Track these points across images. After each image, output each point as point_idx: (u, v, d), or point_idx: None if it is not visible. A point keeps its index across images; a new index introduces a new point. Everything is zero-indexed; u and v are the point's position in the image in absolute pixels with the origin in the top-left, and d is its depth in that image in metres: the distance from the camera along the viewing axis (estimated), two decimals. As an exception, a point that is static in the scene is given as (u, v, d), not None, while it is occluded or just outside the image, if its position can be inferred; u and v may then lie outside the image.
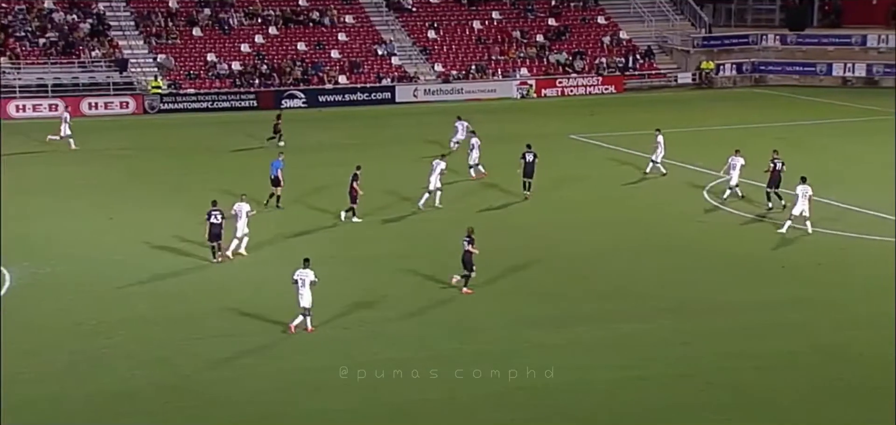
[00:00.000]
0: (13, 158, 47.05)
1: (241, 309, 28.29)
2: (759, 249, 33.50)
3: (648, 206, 39.05)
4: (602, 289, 29.94)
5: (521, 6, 74.16)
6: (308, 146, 51.11)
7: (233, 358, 25.09)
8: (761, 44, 73.17)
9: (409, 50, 70.29)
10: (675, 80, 70.81)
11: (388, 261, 32.55)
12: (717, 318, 27.39)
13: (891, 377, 23.51)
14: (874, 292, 29.25)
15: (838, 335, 26.10)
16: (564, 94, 68.55)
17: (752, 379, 23.50)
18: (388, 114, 62.22)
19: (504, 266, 31.91)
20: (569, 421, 21.96)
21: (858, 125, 56.35)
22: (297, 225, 36.55)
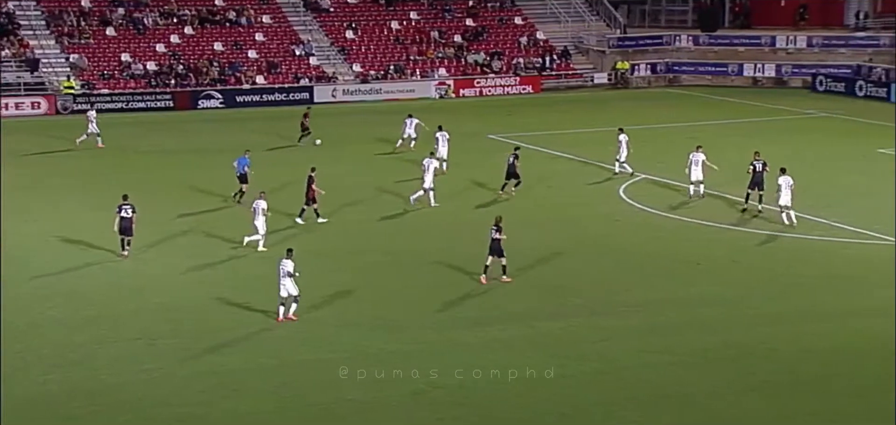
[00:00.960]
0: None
1: (155, 310, 28.08)
2: (676, 247, 34.05)
3: (567, 205, 39.46)
4: (522, 287, 30.15)
5: (439, 7, 74.35)
6: (229, 147, 50.62)
7: (148, 359, 24.85)
8: (675, 44, 74.30)
9: (327, 50, 70.01)
10: (592, 80, 71.58)
11: (315, 260, 32.40)
12: (633, 316, 27.81)
13: (802, 372, 24.08)
14: (786, 288, 29.92)
15: (751, 332, 26.66)
16: (482, 94, 68.87)
17: (667, 376, 23.90)
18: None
19: (427, 265, 32.01)
20: (488, 420, 22.10)
21: (768, 124, 57.53)
22: (219, 225, 36.18)
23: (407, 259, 32.95)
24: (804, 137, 52.75)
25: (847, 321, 27.29)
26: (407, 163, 44.67)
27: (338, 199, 38.29)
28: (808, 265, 32.02)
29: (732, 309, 28.30)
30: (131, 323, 27.17)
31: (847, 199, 39.28)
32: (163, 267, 32.12)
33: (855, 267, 31.91)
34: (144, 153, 49.60)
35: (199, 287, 30.35)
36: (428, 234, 35.71)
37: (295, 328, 26.93)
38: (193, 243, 34.58)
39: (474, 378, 23.83)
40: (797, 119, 58.89)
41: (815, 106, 62.46)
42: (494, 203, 38.98)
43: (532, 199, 40.33)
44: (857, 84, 66.11)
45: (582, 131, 52.95)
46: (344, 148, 50.25)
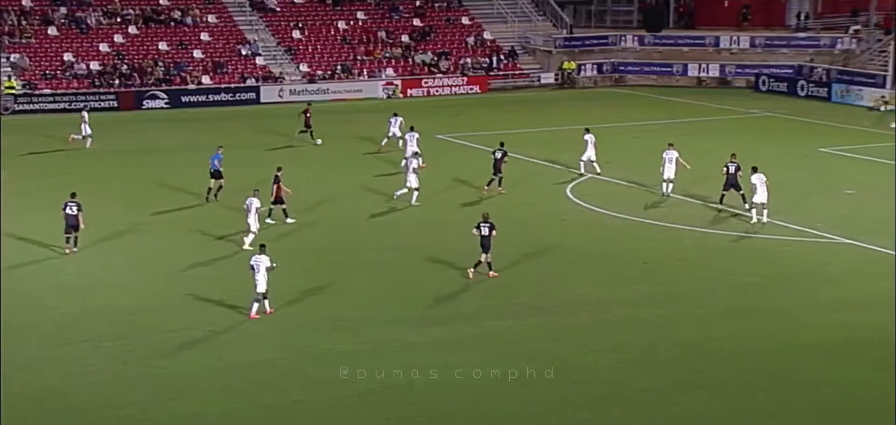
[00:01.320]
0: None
1: (100, 311, 27.78)
2: (623, 246, 34.21)
3: (515, 205, 39.48)
4: (470, 287, 30.15)
5: (386, 6, 74.24)
6: (172, 146, 50.24)
7: (94, 362, 24.57)
8: (620, 45, 74.81)
9: (273, 50, 69.63)
10: (539, 79, 71.87)
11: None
12: (582, 315, 27.91)
13: (748, 369, 24.31)
14: (732, 287, 30.16)
15: (698, 330, 26.84)
16: (430, 94, 68.88)
17: (615, 374, 23.99)
18: (254, 114, 61.52)
19: (375, 264, 31.92)
20: (437, 419, 22.07)
21: (713, 123, 58.12)
22: (167, 225, 35.83)
23: (368, 257, 32.85)
24: (748, 136, 53.30)
25: (791, 318, 27.58)
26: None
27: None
28: (754, 263, 32.32)
29: (680, 307, 28.48)
30: (76, 326, 26.80)
31: (790, 198, 39.74)
32: (107, 268, 31.77)
33: (798, 265, 32.27)
34: (89, 153, 48.89)
35: (145, 288, 30.03)
36: (381, 232, 35.59)
37: (242, 330, 26.73)
38: (138, 243, 34.22)
39: (423, 377, 23.79)
40: (741, 118, 59.55)
41: (758, 105, 63.21)
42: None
43: (480, 200, 40.33)
44: (798, 84, 66.99)
45: (529, 131, 53.08)
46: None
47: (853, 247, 33.70)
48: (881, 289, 29.71)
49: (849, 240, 34.37)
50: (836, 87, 64.93)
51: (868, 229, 35.37)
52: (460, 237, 34.07)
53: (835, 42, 70.43)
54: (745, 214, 36.95)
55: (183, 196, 40.37)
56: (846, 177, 42.87)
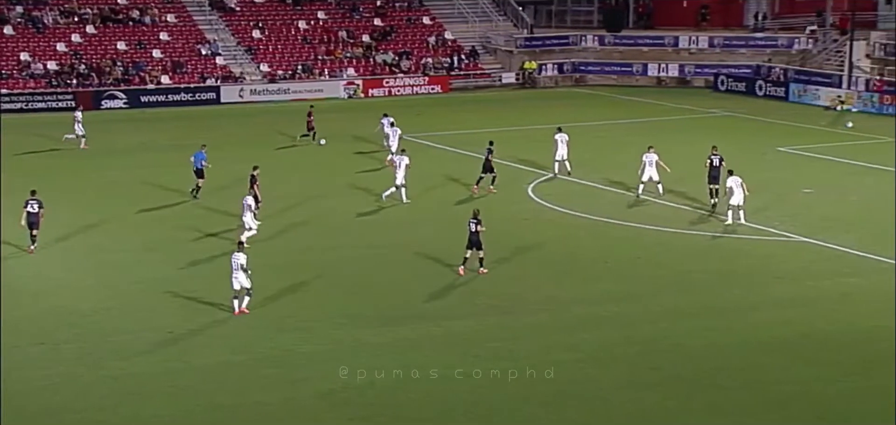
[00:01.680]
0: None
1: (58, 313, 27.63)
2: (584, 246, 34.41)
3: (477, 204, 39.52)
4: (431, 286, 30.24)
5: (347, 6, 74.18)
6: (131, 147, 49.95)
7: (50, 365, 24.39)
8: (581, 45, 75.22)
9: (233, 50, 69.39)
10: (500, 79, 72.09)
11: (216, 263, 32.14)
12: (541, 313, 28.08)
13: (704, 366, 24.54)
14: (689, 285, 30.44)
15: (654, 327, 27.08)
16: (391, 93, 68.89)
17: (573, 372, 24.14)
18: (214, 114, 61.34)
19: (334, 264, 31.92)
20: (397, 420, 22.13)
21: (672, 123, 58.55)
22: (121, 227, 35.62)
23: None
24: (707, 136, 53.54)
25: (748, 315, 27.88)
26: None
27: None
28: (711, 261, 32.65)
29: (637, 305, 28.70)
30: (33, 327, 26.61)
31: (749, 197, 40.08)
32: (67, 269, 31.56)
33: (755, 262, 32.61)
34: (45, 153, 48.51)
35: (104, 290, 29.86)
36: (335, 233, 35.57)
37: (203, 331, 26.67)
38: (99, 244, 34.05)
39: (384, 378, 23.85)
40: (700, 118, 60.06)
41: (717, 105, 63.75)
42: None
43: (442, 198, 40.45)
44: (757, 83, 67.65)
45: (491, 131, 53.10)
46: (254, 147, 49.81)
47: (810, 245, 34.12)
48: (836, 286, 30.11)
49: (805, 238, 34.79)
50: (794, 86, 65.64)
51: (824, 228, 35.84)
52: (402, 234, 34.30)
53: (792, 42, 71.19)
54: (706, 208, 37.39)
55: (145, 196, 40.16)
56: (804, 176, 43.34)
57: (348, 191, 41.14)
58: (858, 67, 64.55)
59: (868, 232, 35.28)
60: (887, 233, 35.31)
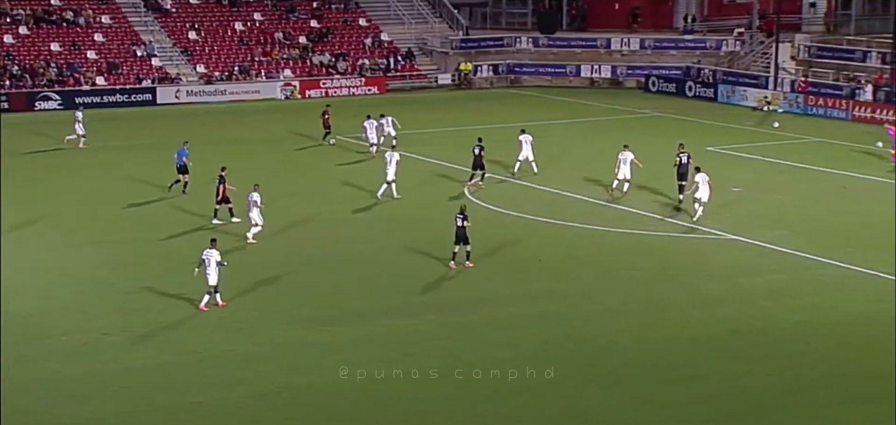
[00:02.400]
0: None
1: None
2: (520, 245, 34.55)
3: (414, 204, 39.64)
4: (368, 287, 30.22)
5: (284, 8, 73.78)
6: (66, 148, 49.23)
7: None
8: (515, 46, 75.54)
9: (169, 51, 68.66)
10: (436, 80, 72.19)
11: (152, 263, 31.83)
12: (478, 312, 28.18)
13: (640, 362, 24.81)
14: (624, 282, 30.72)
15: (589, 325, 27.30)
16: (328, 94, 68.62)
17: (512, 369, 24.17)
18: (151, 115, 60.68)
19: (272, 266, 31.73)
20: (336, 420, 22.09)
21: (605, 123, 59.06)
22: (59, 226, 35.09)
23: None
24: (639, 135, 54.18)
25: (680, 313, 28.21)
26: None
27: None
28: (643, 259, 32.96)
29: (573, 303, 28.93)
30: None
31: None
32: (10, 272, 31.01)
33: (686, 260, 33.03)
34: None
35: (42, 291, 29.41)
36: (274, 235, 35.40)
37: (140, 333, 26.39)
38: (34, 245, 33.50)
39: (323, 378, 23.80)
40: (632, 118, 60.65)
41: (648, 105, 64.43)
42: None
43: (378, 199, 40.39)
44: (686, 84, 68.47)
45: (428, 131, 53.30)
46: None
47: (739, 243, 34.63)
48: (764, 282, 30.60)
49: (735, 236, 35.30)
50: (722, 87, 66.55)
51: (752, 226, 36.39)
52: (339, 234, 34.28)
53: (720, 44, 72.17)
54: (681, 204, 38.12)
55: (81, 197, 39.61)
56: (732, 175, 43.95)
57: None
58: (784, 69, 65.66)
59: (794, 229, 35.93)
60: (812, 230, 36.03)
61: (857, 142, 50.79)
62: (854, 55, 66.01)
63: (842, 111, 59.84)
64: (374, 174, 41.85)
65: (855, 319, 27.57)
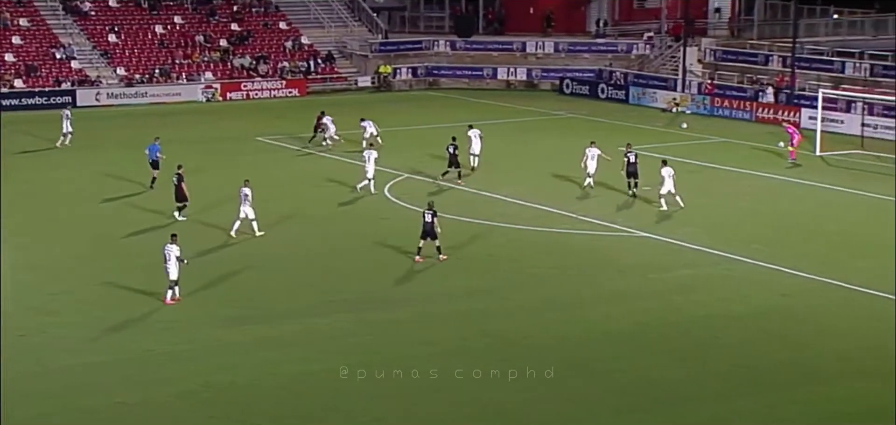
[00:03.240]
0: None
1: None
2: (440, 243, 34.55)
3: (335, 204, 39.56)
4: (291, 286, 30.11)
5: (204, 11, 72.98)
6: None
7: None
8: (433, 49, 75.73)
9: (89, 54, 67.48)
10: (356, 83, 72.04)
11: (75, 265, 31.33)
12: (399, 310, 28.26)
13: (549, 357, 25.06)
14: (535, 280, 30.99)
15: (505, 321, 27.50)
16: (250, 97, 68.13)
17: (430, 366, 24.30)
18: (72, 117, 59.46)
19: (199, 266, 31.40)
20: (259, 416, 21.99)
21: (521, 123, 59.52)
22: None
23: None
24: (553, 135, 54.95)
25: (593, 308, 28.54)
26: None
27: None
28: (556, 256, 33.28)
29: (490, 301, 29.09)
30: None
31: (594, 195, 41.16)
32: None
33: (598, 257, 33.43)
34: None
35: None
36: (204, 236, 35.05)
37: (61, 334, 25.97)
38: None
39: (246, 376, 23.68)
40: (547, 119, 61.20)
41: (562, 106, 65.05)
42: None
43: (301, 199, 40.24)
44: (599, 86, 69.29)
45: (348, 133, 53.10)
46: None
47: (649, 240, 35.18)
48: (674, 278, 31.14)
49: (645, 233, 35.87)
50: (633, 89, 67.48)
51: (662, 223, 37.01)
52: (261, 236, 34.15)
53: (631, 48, 73.21)
54: (636, 199, 38.98)
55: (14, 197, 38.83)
56: (642, 174, 44.52)
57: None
58: (691, 72, 66.85)
59: (701, 226, 36.62)
60: (719, 227, 36.77)
61: (760, 142, 51.93)
62: (757, 59, 67.52)
63: (746, 112, 61.12)
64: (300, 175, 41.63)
65: (759, 312, 28.21)
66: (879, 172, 45.83)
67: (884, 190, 42.14)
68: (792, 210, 39.59)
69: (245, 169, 44.06)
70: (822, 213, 39.18)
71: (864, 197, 41.46)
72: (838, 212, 39.51)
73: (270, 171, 44.66)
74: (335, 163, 46.86)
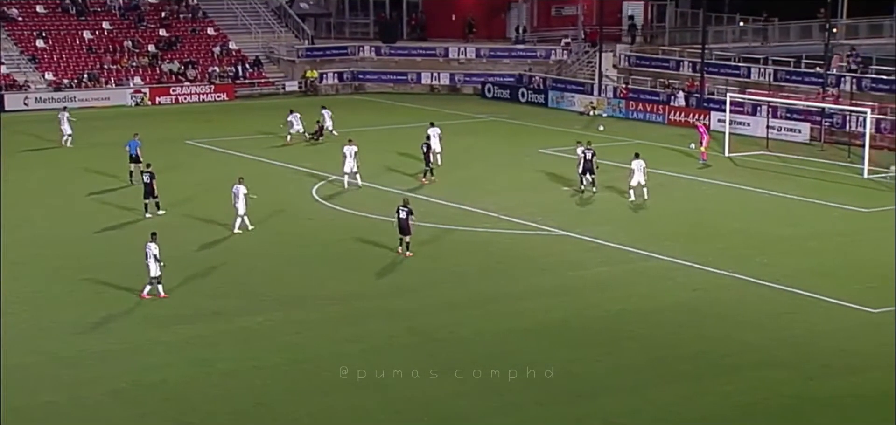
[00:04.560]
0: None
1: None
2: (367, 243, 34.48)
3: (262, 206, 39.13)
4: (220, 286, 29.76)
5: (132, 17, 71.80)
6: None
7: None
8: (359, 54, 75.51)
9: (17, 59, 65.94)
10: (283, 87, 71.50)
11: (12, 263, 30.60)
12: (327, 308, 28.11)
13: (474, 352, 25.13)
14: (460, 277, 31.06)
15: (431, 317, 27.50)
16: (178, 101, 67.25)
17: (358, 362, 24.13)
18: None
19: (127, 266, 30.92)
20: (188, 412, 21.70)
21: (445, 127, 59.19)
22: None
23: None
24: (476, 138, 55.13)
25: (514, 304, 28.62)
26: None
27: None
28: (479, 255, 33.32)
29: (415, 298, 29.07)
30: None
31: (512, 193, 41.38)
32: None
33: (520, 255, 33.58)
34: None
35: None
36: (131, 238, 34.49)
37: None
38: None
39: (176, 374, 23.35)
40: (470, 122, 61.37)
41: (484, 110, 65.32)
42: (181, 209, 38.25)
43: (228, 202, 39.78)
44: (520, 91, 69.72)
45: (275, 136, 52.74)
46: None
47: (568, 238, 35.43)
48: (591, 274, 31.41)
49: (564, 231, 36.14)
50: (552, 93, 67.99)
51: (580, 222, 37.32)
52: (190, 236, 33.69)
53: (549, 53, 73.75)
54: (595, 194, 39.80)
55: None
56: (563, 175, 44.93)
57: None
58: (607, 77, 67.58)
59: (617, 224, 37.03)
60: (635, 225, 37.21)
61: (673, 143, 52.69)
62: (668, 64, 68.49)
63: (659, 115, 61.97)
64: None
65: (673, 306, 28.60)
66: (783, 172, 46.83)
67: (787, 188, 43.09)
68: (702, 208, 40.23)
69: (177, 171, 43.50)
70: (731, 211, 39.88)
71: (770, 196, 42.31)
72: (745, 210, 40.24)
73: (199, 173, 44.04)
74: (261, 166, 46.44)
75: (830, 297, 28.94)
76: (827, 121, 54.50)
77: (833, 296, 28.97)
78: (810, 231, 36.69)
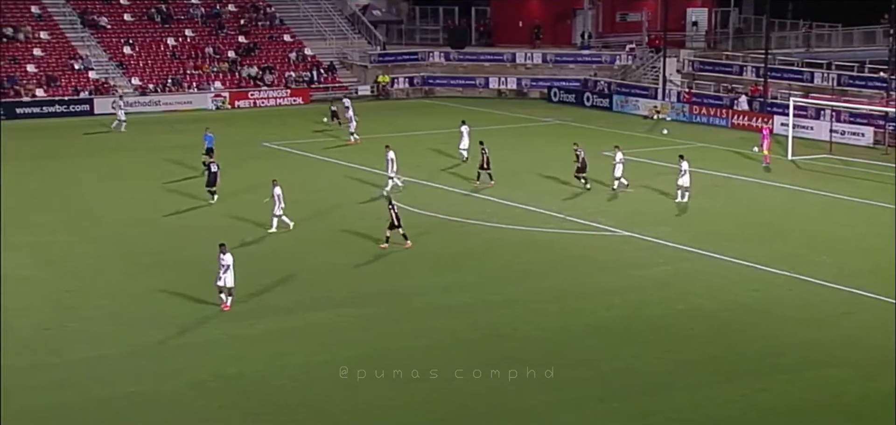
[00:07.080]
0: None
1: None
2: (429, 242, 34.54)
3: (335, 206, 39.49)
4: (289, 282, 30.02)
5: (213, 25, 72.91)
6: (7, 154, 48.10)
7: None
8: (429, 60, 75.70)
9: (105, 65, 67.38)
10: (356, 91, 71.95)
11: (85, 261, 31.25)
12: (390, 304, 28.18)
13: (534, 348, 25.03)
14: (518, 275, 30.85)
15: (492, 313, 27.41)
16: (256, 105, 68.11)
17: (422, 356, 24.24)
18: (89, 124, 59.59)
19: (204, 264, 31.37)
20: (265, 405, 21.94)
21: (511, 130, 59.49)
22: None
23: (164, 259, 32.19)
24: (542, 140, 54.95)
25: (576, 302, 28.35)
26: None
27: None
28: (537, 253, 33.00)
29: (477, 294, 28.94)
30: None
31: (572, 196, 41.12)
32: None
33: (581, 254, 33.25)
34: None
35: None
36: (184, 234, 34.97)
37: (79, 328, 25.88)
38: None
39: (251, 368, 23.61)
40: (536, 125, 61.20)
41: (550, 114, 65.06)
42: (249, 208, 38.51)
43: (296, 201, 40.16)
44: (585, 95, 69.28)
45: (336, 137, 53.10)
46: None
47: (630, 238, 35.11)
48: (653, 274, 31.08)
49: (626, 232, 35.81)
50: (617, 98, 67.44)
51: (642, 222, 36.93)
52: (256, 233, 34.01)
53: (614, 58, 73.18)
54: (589, 191, 39.95)
55: (20, 203, 38.68)
56: (627, 177, 44.49)
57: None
58: (671, 81, 66.85)
59: (678, 226, 36.62)
60: (695, 226, 36.76)
61: (735, 147, 51.92)
62: (732, 69, 67.51)
63: (722, 119, 61.11)
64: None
65: (733, 305, 28.19)
66: (845, 175, 45.87)
67: (848, 191, 42.22)
68: (764, 210, 39.58)
69: (252, 171, 44.06)
70: (793, 213, 39.17)
71: (832, 198, 41.48)
72: (806, 211, 39.51)
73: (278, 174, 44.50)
74: (337, 167, 46.81)
75: (889, 297, 28.27)
76: (891, 125, 53.26)
77: (892, 296, 28.29)
78: (870, 231, 35.89)
